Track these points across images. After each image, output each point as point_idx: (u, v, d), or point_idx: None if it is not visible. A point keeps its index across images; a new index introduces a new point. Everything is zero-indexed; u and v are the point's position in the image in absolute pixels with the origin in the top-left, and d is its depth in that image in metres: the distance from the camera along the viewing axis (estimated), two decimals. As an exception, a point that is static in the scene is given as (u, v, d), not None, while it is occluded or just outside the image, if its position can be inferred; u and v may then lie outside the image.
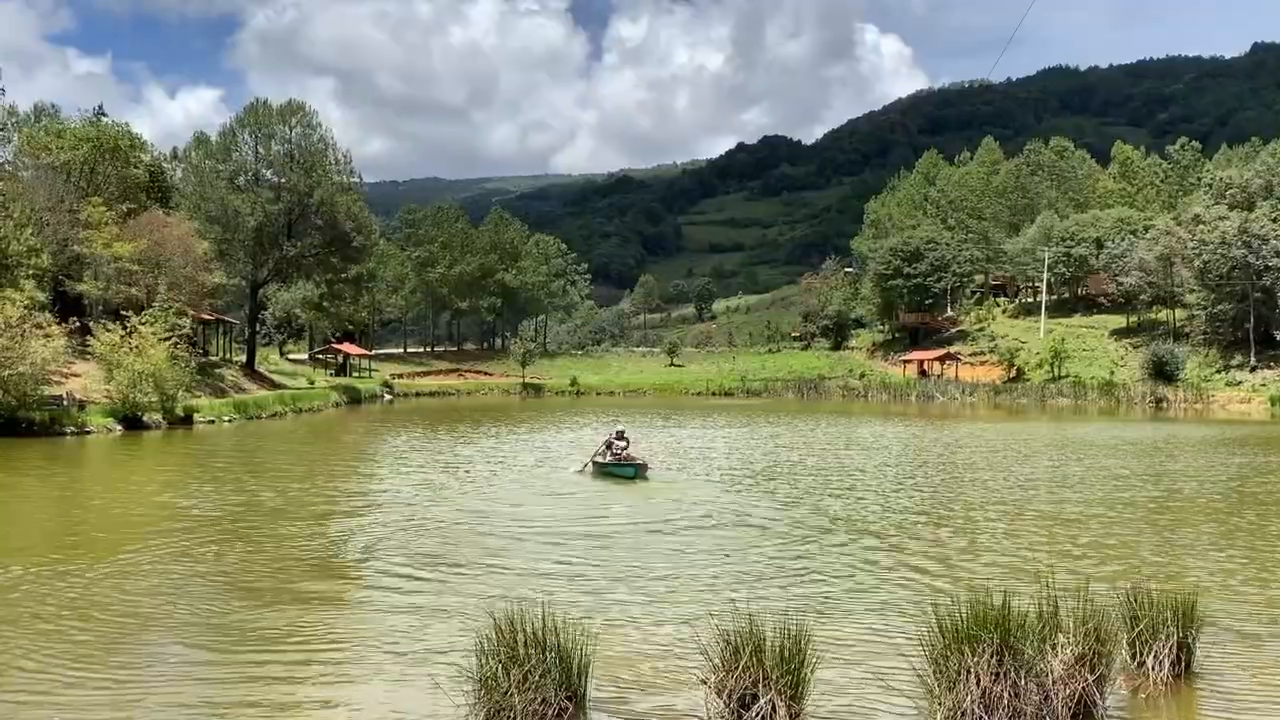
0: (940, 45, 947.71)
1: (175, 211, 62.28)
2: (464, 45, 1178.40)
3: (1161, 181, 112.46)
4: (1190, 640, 8.83)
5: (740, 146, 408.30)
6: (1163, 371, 76.12)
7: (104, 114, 68.12)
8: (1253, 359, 74.28)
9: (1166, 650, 8.59)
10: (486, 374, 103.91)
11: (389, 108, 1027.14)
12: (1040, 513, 19.37)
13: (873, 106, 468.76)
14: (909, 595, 12.22)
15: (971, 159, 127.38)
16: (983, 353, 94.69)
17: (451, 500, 21.25)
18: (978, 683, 7.32)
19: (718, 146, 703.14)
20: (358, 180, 72.71)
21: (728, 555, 14.91)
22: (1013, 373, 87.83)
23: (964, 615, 7.61)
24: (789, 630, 7.60)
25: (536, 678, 7.60)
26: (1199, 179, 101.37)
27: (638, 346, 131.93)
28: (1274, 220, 75.25)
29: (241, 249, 67.62)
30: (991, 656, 7.36)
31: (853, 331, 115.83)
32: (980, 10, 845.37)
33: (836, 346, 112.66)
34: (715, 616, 8.92)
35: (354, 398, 70.48)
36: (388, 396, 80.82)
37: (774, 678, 7.40)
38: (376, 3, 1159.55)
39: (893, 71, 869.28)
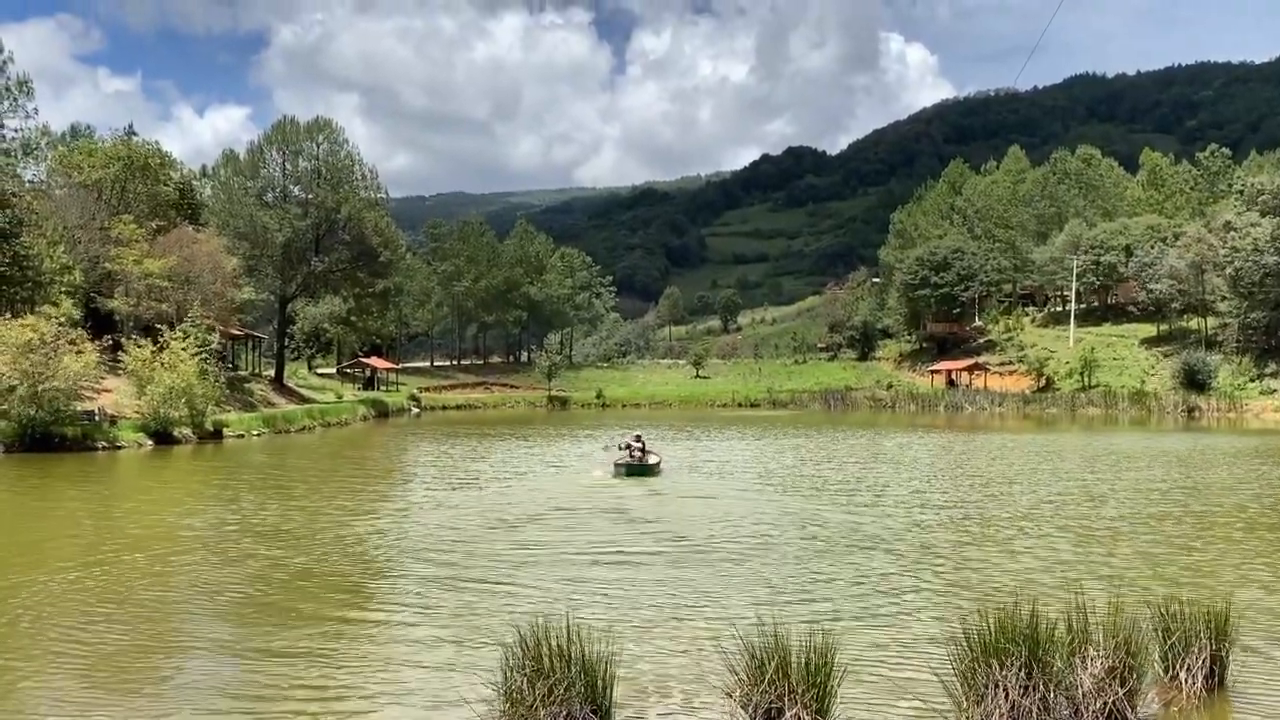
0: (965, 53, 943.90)
1: (204, 228, 63.09)
2: (487, 59, 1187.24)
3: (1191, 189, 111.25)
4: (1224, 653, 8.68)
5: (765, 157, 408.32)
6: (1195, 380, 75.12)
7: (134, 133, 69.39)
8: (1287, 367, 73.18)
9: (1200, 663, 8.45)
10: (513, 387, 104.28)
11: (414, 122, 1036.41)
12: (1072, 525, 19.13)
13: (898, 116, 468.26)
14: (938, 609, 12.10)
15: (998, 168, 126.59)
16: (1011, 362, 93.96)
17: (476, 513, 21.28)
18: (1006, 696, 7.24)
19: (742, 158, 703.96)
20: (384, 195, 73.33)
21: (765, 570, 14.80)
22: (1042, 382, 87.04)
23: (992, 628, 7.53)
24: (815, 643, 7.56)
25: (561, 691, 7.59)
26: (1229, 185, 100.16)
27: (663, 359, 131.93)
28: (1307, 226, 74.21)
29: (270, 264, 68.32)
30: (1020, 670, 7.28)
31: (879, 342, 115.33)
32: (1005, 17, 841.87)
33: (863, 357, 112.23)
34: (742, 630, 8.85)
35: (381, 411, 70.89)
36: (415, 410, 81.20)
37: (799, 691, 7.35)
38: (400, 18, 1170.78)
39: (918, 80, 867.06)
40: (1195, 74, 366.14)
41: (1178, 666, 8.53)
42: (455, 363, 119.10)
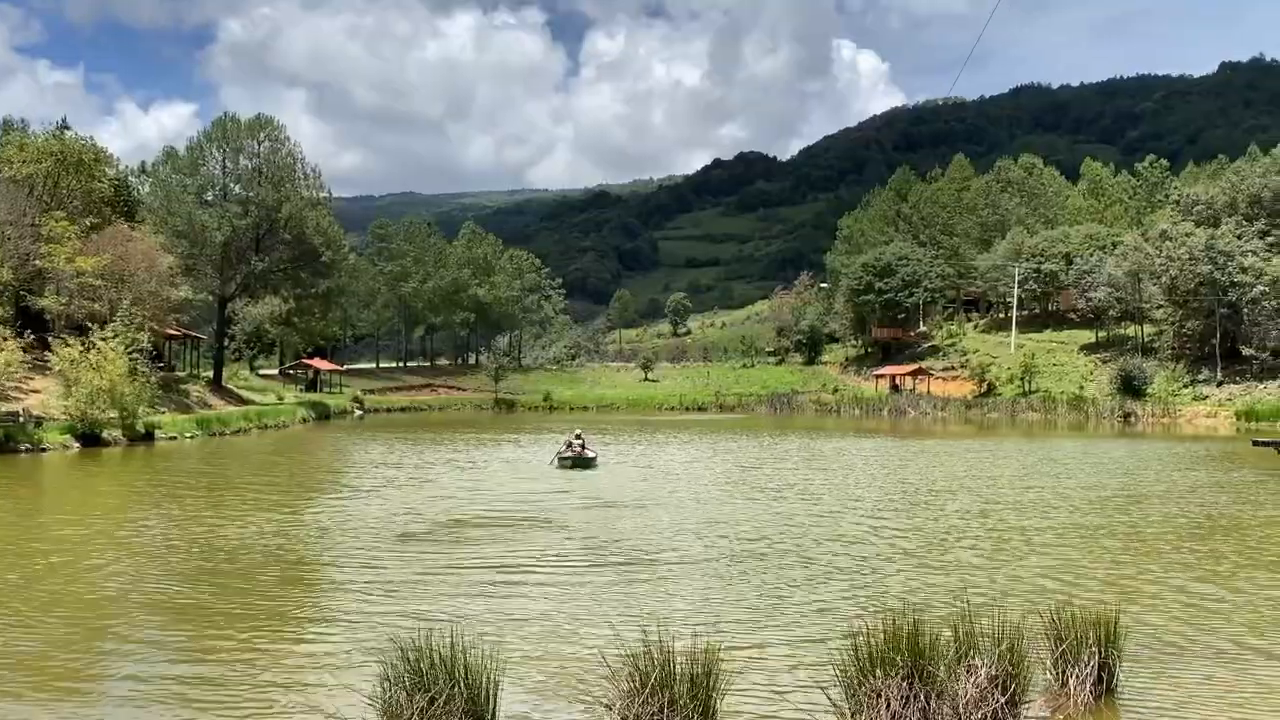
0: (917, 62, 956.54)
1: (141, 226, 61.76)
2: (440, 58, 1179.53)
3: (1130, 198, 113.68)
4: (1112, 660, 8.72)
5: (717, 162, 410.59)
6: (1131, 386, 76.67)
7: (68, 127, 67.65)
8: (1219, 374, 74.88)
9: (1089, 670, 8.48)
10: (460, 389, 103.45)
11: (364, 121, 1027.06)
12: (995, 533, 19.23)
13: (849, 123, 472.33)
14: (833, 619, 11.88)
15: (943, 175, 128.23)
16: (954, 368, 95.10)
17: (381, 521, 20.85)
18: (888, 706, 7.20)
19: (695, 161, 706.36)
20: (327, 195, 72.43)
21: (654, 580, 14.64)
22: (984, 388, 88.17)
23: (876, 638, 7.48)
24: (699, 654, 7.45)
25: (441, 703, 7.41)
26: (1166, 196, 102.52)
27: (613, 362, 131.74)
28: (1239, 236, 76.09)
29: (209, 264, 67.14)
30: (902, 679, 7.23)
31: (826, 346, 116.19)
32: (956, 27, 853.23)
33: (810, 361, 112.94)
34: (630, 640, 8.65)
35: (322, 413, 69.91)
36: (358, 412, 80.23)
37: (681, 702, 7.24)
38: (350, 15, 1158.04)
39: (869, 88, 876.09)
40: (1137, 87, 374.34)
41: (1068, 673, 8.55)
42: (402, 365, 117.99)
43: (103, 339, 42.04)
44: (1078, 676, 8.44)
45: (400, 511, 22.04)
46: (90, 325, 44.52)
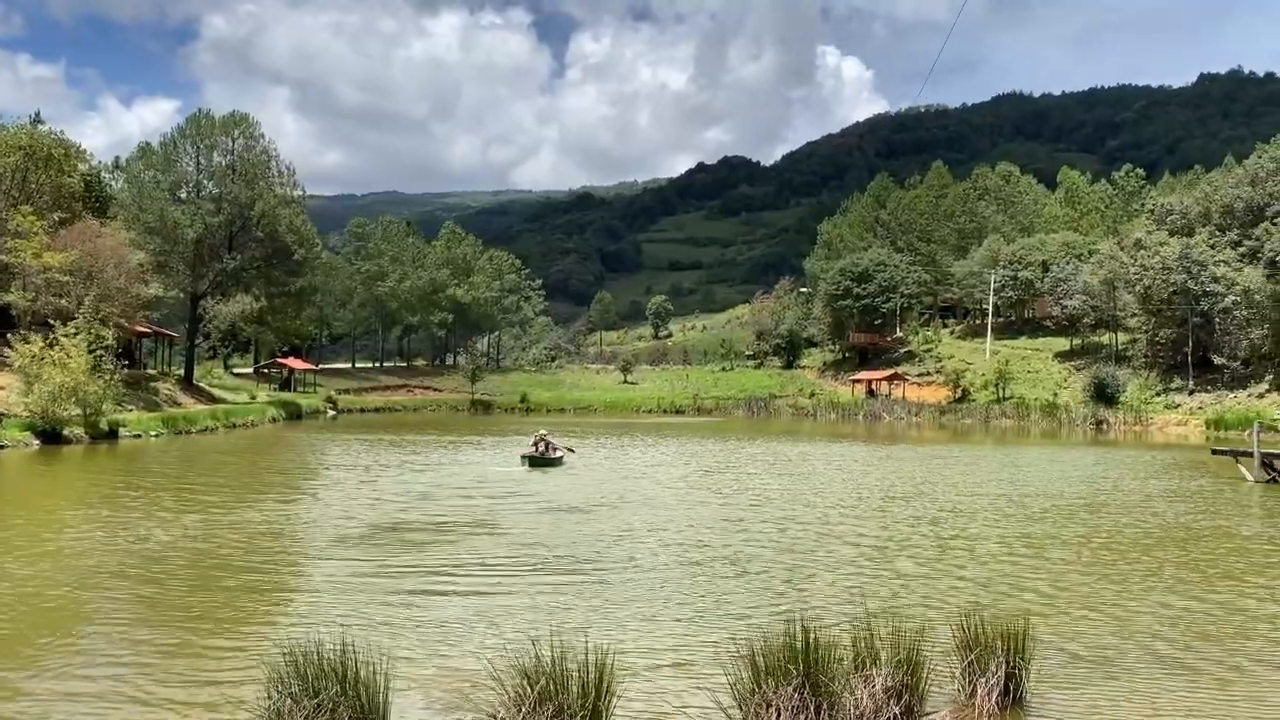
0: (900, 70, 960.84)
1: (112, 222, 61.22)
2: (425, 58, 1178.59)
3: (1106, 207, 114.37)
4: (1019, 671, 8.65)
5: (700, 166, 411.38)
6: (1104, 394, 77.04)
7: (40, 121, 67.01)
8: (1191, 383, 75.33)
9: (996, 680, 8.40)
10: (436, 390, 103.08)
11: (348, 119, 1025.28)
12: (942, 542, 19.11)
13: (832, 129, 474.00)
14: (739, 628, 11.46)
15: (921, 182, 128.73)
16: (929, 374, 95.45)
17: (322, 522, 20.61)
18: (778, 715, 7.10)
19: (679, 164, 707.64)
20: (301, 193, 71.94)
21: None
22: (958, 393, 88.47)
23: (771, 647, 7.37)
24: (592, 662, 7.32)
25: (329, 710, 7.26)
26: (1142, 205, 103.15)
27: (593, 364, 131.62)
28: (1212, 246, 76.58)
29: (181, 261, 66.61)
30: (794, 690, 7.13)
31: (805, 351, 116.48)
32: (940, 35, 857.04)
33: (788, 365, 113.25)
34: (522, 647, 8.41)
35: (293, 413, 69.47)
36: (331, 412, 79.80)
37: (570, 713, 7.12)
38: (335, 13, 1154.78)
39: (853, 95, 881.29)
40: (1117, 97, 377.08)
41: (976, 684, 8.47)
42: (378, 365, 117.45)
43: (65, 335, 41.60)
44: (985, 687, 8.36)
45: (340, 515, 21.73)
46: (52, 322, 44.03)
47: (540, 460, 32.86)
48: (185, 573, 15.16)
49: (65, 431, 40.26)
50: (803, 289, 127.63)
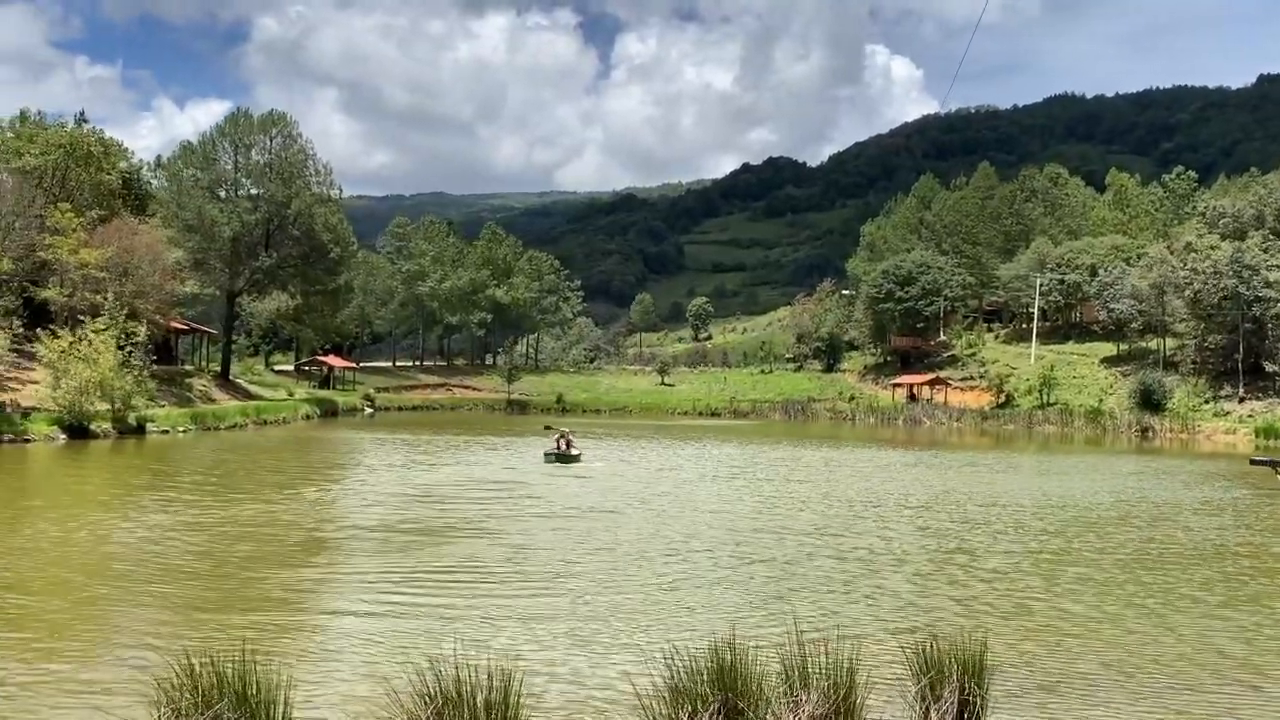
0: (951, 70, 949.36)
1: (150, 219, 61.91)
2: (471, 59, 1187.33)
3: (1156, 210, 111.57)
4: (973, 696, 7.96)
5: (745, 167, 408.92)
6: (1150, 400, 75.06)
7: (85, 120, 67.99)
8: (1241, 390, 73.11)
9: (949, 706, 7.75)
10: (475, 389, 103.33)
11: (395, 120, 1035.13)
12: (936, 557, 17.96)
13: (880, 130, 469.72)
14: (695, 645, 10.71)
15: (967, 184, 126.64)
16: (972, 378, 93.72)
17: (322, 521, 20.31)
18: (694, 747, 6.53)
19: (723, 165, 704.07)
20: (338, 192, 72.33)
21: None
22: (1002, 399, 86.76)
23: (691, 670, 6.79)
24: (499, 681, 6.80)
25: (220, 728, 6.82)
26: (1194, 208, 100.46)
27: (631, 365, 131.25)
28: (1265, 250, 74.25)
29: (218, 258, 67.24)
30: (711, 716, 6.55)
31: (845, 354, 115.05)
32: (991, 37, 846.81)
33: (829, 369, 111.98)
34: (431, 663, 7.80)
35: (330, 410, 69.81)
36: (368, 410, 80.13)
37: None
38: (383, 15, 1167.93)
39: (902, 95, 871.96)
40: (1172, 98, 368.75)
41: (928, 710, 7.82)
42: (418, 363, 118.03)
43: (94, 331, 41.97)
44: (937, 713, 7.72)
45: (331, 516, 21.42)
46: (83, 318, 44.48)
47: (563, 456, 34.79)
48: (141, 573, 14.66)
49: (92, 426, 40.59)
50: (845, 291, 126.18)
